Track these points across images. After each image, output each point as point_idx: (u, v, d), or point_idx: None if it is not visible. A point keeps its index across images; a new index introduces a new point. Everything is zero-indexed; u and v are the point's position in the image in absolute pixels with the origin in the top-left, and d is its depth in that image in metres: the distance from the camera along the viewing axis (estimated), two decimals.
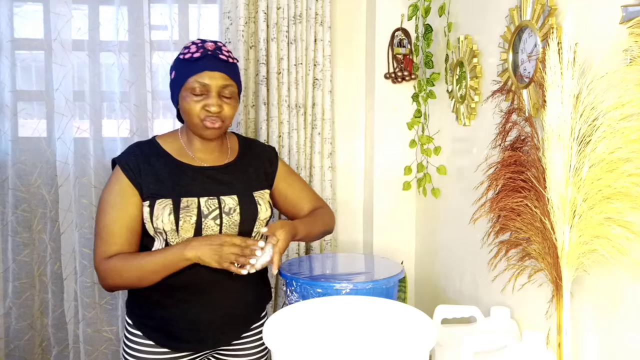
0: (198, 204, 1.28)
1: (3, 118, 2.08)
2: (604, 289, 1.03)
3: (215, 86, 1.27)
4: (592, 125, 0.93)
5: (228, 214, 1.30)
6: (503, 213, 1.19)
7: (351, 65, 2.24)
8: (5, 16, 2.05)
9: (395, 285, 1.46)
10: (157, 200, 1.27)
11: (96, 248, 1.28)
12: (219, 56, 1.28)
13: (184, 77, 1.27)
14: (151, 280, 1.25)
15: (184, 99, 1.28)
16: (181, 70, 1.29)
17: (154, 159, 1.31)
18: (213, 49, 1.28)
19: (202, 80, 1.26)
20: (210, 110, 1.27)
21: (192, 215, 1.27)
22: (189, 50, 1.29)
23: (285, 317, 1.14)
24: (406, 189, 2.07)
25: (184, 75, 1.27)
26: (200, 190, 1.30)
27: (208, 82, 1.26)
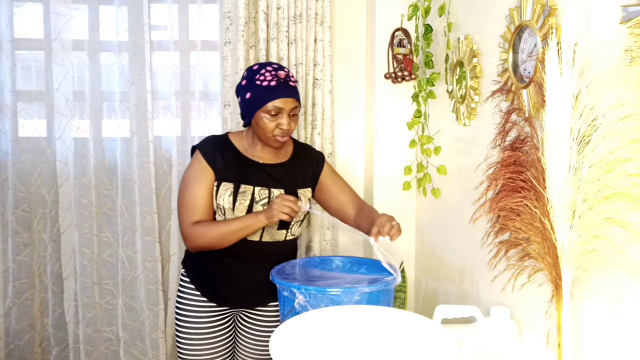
0: (253, 191, 1.59)
1: (3, 118, 2.09)
2: (604, 289, 1.03)
3: (288, 109, 1.55)
4: (591, 125, 0.93)
5: None
6: (503, 213, 1.19)
7: (351, 65, 2.24)
8: (5, 16, 2.05)
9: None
10: (222, 182, 1.58)
11: (181, 216, 1.60)
12: (289, 83, 1.56)
13: (262, 101, 1.53)
14: (229, 241, 1.56)
15: (261, 118, 1.55)
16: (259, 95, 1.54)
17: (225, 150, 1.63)
18: (284, 77, 1.55)
19: (278, 104, 1.53)
20: (283, 128, 1.55)
21: (246, 199, 1.58)
22: (265, 78, 1.54)
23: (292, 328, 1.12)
24: (406, 189, 2.07)
25: (263, 99, 1.53)
26: (256, 181, 1.61)
27: (283, 106, 1.53)
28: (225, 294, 1.65)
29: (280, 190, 1.62)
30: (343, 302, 1.34)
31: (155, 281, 2.20)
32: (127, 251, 2.20)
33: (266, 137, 1.58)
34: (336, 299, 1.35)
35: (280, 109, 1.54)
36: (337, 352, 1.10)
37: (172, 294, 2.17)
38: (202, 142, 1.67)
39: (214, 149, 1.62)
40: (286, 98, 1.54)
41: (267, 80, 1.54)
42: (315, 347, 1.10)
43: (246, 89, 1.58)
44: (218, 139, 1.67)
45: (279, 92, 1.53)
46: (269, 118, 1.54)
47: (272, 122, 1.55)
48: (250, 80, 1.57)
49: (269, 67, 1.57)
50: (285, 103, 1.54)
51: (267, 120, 1.54)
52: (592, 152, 0.92)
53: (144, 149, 2.16)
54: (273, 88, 1.53)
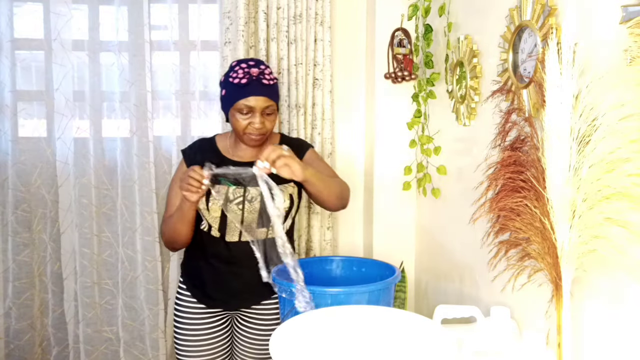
0: (227, 190, 1.56)
1: (3, 118, 2.09)
2: (604, 289, 1.03)
3: (259, 108, 1.52)
4: (591, 125, 0.93)
5: (250, 202, 1.57)
6: (503, 213, 1.19)
7: (351, 65, 2.24)
8: (5, 16, 2.05)
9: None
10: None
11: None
12: (262, 81, 1.52)
13: (233, 99, 1.52)
14: (180, 230, 1.54)
15: (233, 115, 1.55)
16: (230, 93, 1.54)
17: (208, 153, 1.60)
18: (257, 75, 1.52)
19: (248, 103, 1.51)
20: (255, 127, 1.53)
21: (219, 199, 1.55)
22: (237, 75, 1.53)
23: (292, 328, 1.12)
24: (406, 189, 2.07)
25: (234, 97, 1.52)
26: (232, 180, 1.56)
27: (253, 105, 1.51)
28: (216, 296, 1.65)
29: (257, 188, 1.50)
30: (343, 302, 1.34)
31: (155, 281, 2.20)
32: (127, 251, 2.20)
33: (240, 136, 1.57)
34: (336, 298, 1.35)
35: (251, 107, 1.52)
36: (337, 352, 1.11)
37: (172, 294, 2.17)
38: (189, 146, 1.70)
39: (196, 153, 1.64)
40: (257, 96, 1.51)
41: (239, 78, 1.52)
42: (315, 347, 1.10)
43: (222, 86, 1.58)
44: (204, 142, 1.68)
45: (250, 90, 1.51)
46: (241, 116, 1.53)
47: (244, 121, 1.53)
48: (225, 77, 1.57)
49: (244, 64, 1.55)
50: (257, 102, 1.51)
51: (239, 118, 1.53)
52: (592, 152, 0.92)
53: (144, 149, 2.16)
54: (244, 86, 1.51)
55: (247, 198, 1.57)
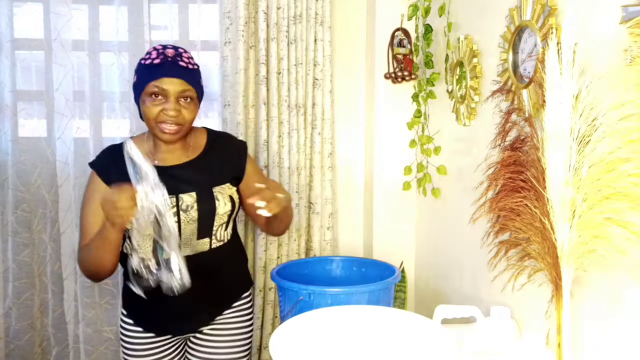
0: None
1: (3, 118, 2.09)
2: (604, 289, 1.03)
3: (174, 92, 1.31)
4: (591, 125, 0.93)
5: (185, 211, 1.37)
6: (503, 213, 1.19)
7: (351, 65, 2.24)
8: (5, 16, 2.05)
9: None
10: None
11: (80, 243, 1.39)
12: (179, 63, 1.33)
13: (144, 82, 1.32)
14: (104, 260, 1.30)
15: (144, 102, 1.33)
16: (142, 75, 1.34)
17: (122, 161, 1.26)
18: (173, 56, 1.33)
19: (161, 85, 1.31)
20: (168, 114, 1.31)
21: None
22: (150, 56, 1.34)
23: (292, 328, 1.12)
24: (406, 189, 2.07)
25: (144, 80, 1.32)
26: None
27: (166, 87, 1.31)
28: (166, 322, 1.45)
29: (192, 193, 1.38)
30: (343, 302, 1.34)
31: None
32: None
33: (151, 127, 1.35)
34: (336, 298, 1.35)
35: (164, 90, 1.31)
36: (337, 352, 1.11)
37: None
38: (96, 158, 1.45)
39: (108, 162, 1.40)
40: (171, 78, 1.31)
41: (151, 59, 1.33)
42: (315, 347, 1.11)
43: (135, 73, 1.39)
44: (115, 149, 1.41)
45: (162, 71, 1.31)
46: (152, 102, 1.31)
47: (155, 107, 1.31)
48: (138, 62, 1.39)
49: (159, 46, 1.37)
50: (171, 84, 1.31)
51: (150, 104, 1.32)
52: (592, 152, 0.92)
53: None
54: (156, 66, 1.31)
55: (181, 207, 1.36)
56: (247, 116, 2.07)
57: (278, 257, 2.12)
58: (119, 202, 1.17)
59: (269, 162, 2.08)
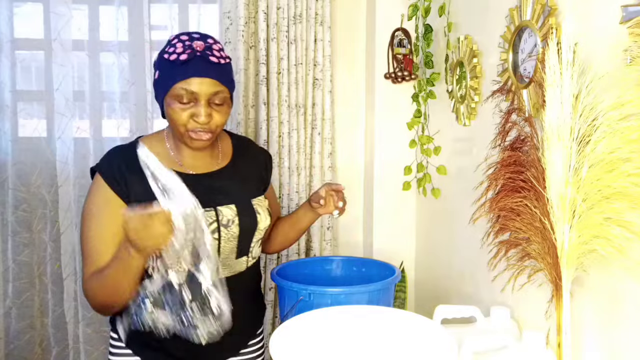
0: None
1: (3, 118, 2.08)
2: (604, 289, 1.03)
3: (205, 94, 1.12)
4: (591, 125, 0.93)
5: (226, 227, 1.21)
6: (503, 213, 1.19)
7: (351, 65, 2.24)
8: (5, 16, 2.05)
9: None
10: None
11: (83, 268, 1.14)
12: (209, 58, 1.13)
13: (168, 82, 1.12)
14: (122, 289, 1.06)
15: (169, 105, 1.14)
16: (165, 73, 1.14)
17: (135, 166, 1.07)
18: (202, 50, 1.12)
19: (190, 87, 1.11)
20: (198, 120, 1.12)
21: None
22: (174, 50, 1.12)
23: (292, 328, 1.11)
24: (406, 189, 2.07)
25: (169, 79, 1.12)
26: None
27: (196, 89, 1.11)
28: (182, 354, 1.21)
29: (231, 206, 1.22)
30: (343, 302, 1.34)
31: None
32: None
33: (180, 134, 1.16)
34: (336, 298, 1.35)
35: (194, 93, 1.11)
36: (337, 352, 1.11)
37: None
38: (104, 161, 1.20)
39: (120, 167, 1.17)
40: (201, 78, 1.11)
41: (177, 53, 1.11)
42: (315, 347, 1.10)
43: (155, 67, 1.18)
44: (125, 151, 1.20)
45: (191, 70, 1.10)
46: (180, 106, 1.12)
47: (184, 112, 1.12)
48: (160, 54, 1.16)
49: (185, 36, 1.14)
50: (201, 85, 1.11)
51: (177, 108, 1.12)
52: (592, 152, 0.92)
53: None
54: (183, 63, 1.11)
55: (221, 222, 1.20)
56: (247, 116, 2.07)
57: (278, 257, 2.12)
58: (153, 228, 0.96)
59: None
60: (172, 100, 1.13)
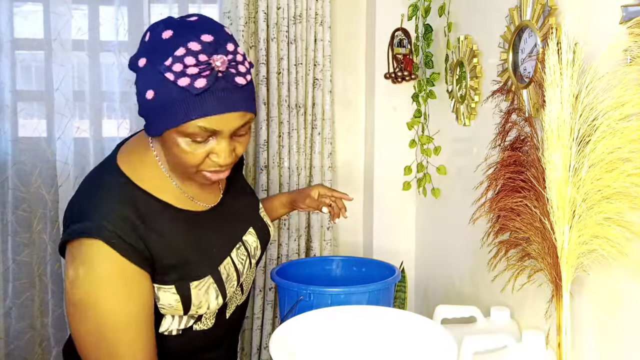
0: (233, 264, 0.95)
1: (3, 118, 2.08)
2: (604, 289, 1.03)
3: (229, 131, 0.84)
4: (591, 125, 0.93)
5: (254, 256, 1.06)
6: (502, 213, 1.19)
7: (351, 65, 2.24)
8: (5, 16, 2.05)
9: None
10: (190, 283, 0.88)
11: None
12: (235, 80, 0.82)
13: (177, 118, 0.80)
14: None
15: (174, 141, 0.83)
16: (172, 102, 0.80)
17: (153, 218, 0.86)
18: (226, 70, 0.80)
19: (210, 126, 0.81)
20: (219, 161, 0.86)
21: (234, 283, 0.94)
22: (185, 70, 0.78)
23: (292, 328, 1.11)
24: (406, 189, 2.07)
25: (179, 114, 0.80)
26: (225, 242, 0.96)
27: (219, 128, 0.82)
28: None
29: (250, 230, 1.05)
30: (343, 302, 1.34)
31: None
32: None
33: (185, 172, 0.89)
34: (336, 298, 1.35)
35: (215, 132, 0.83)
36: (337, 352, 1.11)
37: None
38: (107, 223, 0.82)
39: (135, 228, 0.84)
40: (228, 113, 0.82)
41: (189, 76, 0.78)
42: (315, 347, 1.10)
43: (147, 82, 0.83)
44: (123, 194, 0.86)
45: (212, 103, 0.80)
46: (193, 146, 0.83)
47: (197, 152, 0.84)
48: (153, 62, 0.83)
49: (195, 44, 0.80)
50: (226, 121, 0.83)
51: (187, 148, 0.83)
52: (592, 152, 0.92)
53: None
54: (201, 94, 0.79)
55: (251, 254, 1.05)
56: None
57: (278, 257, 2.12)
58: None
59: (269, 162, 2.08)
60: (180, 136, 0.83)
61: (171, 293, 0.87)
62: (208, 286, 0.90)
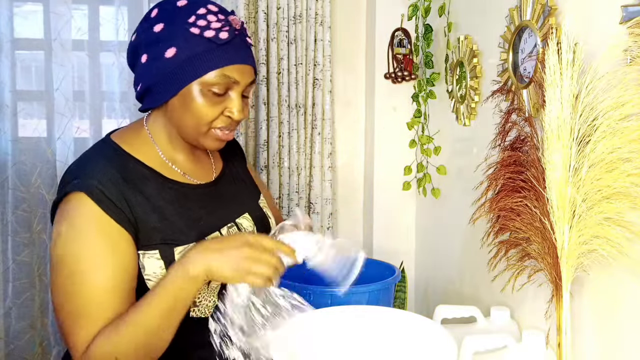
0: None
1: (3, 118, 2.08)
2: (604, 289, 1.03)
3: (244, 84, 0.91)
4: (591, 125, 0.93)
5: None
6: (502, 213, 1.19)
7: (351, 65, 2.24)
8: (5, 16, 2.05)
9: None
10: (174, 248, 0.89)
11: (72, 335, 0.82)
12: (247, 39, 0.92)
13: (202, 66, 0.87)
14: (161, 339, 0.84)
15: (196, 97, 0.88)
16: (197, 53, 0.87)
17: (140, 182, 0.89)
18: (241, 28, 0.90)
19: (232, 75, 0.88)
20: (233, 116, 0.91)
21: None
22: (209, 25, 0.86)
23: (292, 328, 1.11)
24: (406, 189, 2.07)
25: (205, 62, 0.86)
26: (215, 219, 0.97)
27: (239, 78, 0.89)
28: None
29: (246, 215, 1.04)
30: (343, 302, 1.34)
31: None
32: None
33: (197, 132, 0.92)
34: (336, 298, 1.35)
35: (236, 82, 0.90)
36: (337, 352, 1.10)
37: None
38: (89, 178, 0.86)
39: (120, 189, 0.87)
40: (244, 65, 0.90)
41: (214, 29, 0.86)
42: (315, 347, 1.10)
43: (168, 41, 0.88)
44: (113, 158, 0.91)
45: (234, 53, 0.89)
46: (212, 99, 0.89)
47: (216, 106, 0.90)
48: (174, 23, 0.88)
49: (213, 6, 0.90)
50: (243, 73, 0.90)
51: (207, 101, 0.89)
52: (592, 152, 0.92)
53: None
54: (226, 44, 0.87)
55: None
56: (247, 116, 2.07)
57: None
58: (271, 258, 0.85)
59: (269, 162, 2.08)
60: (202, 89, 0.88)
61: (155, 258, 0.88)
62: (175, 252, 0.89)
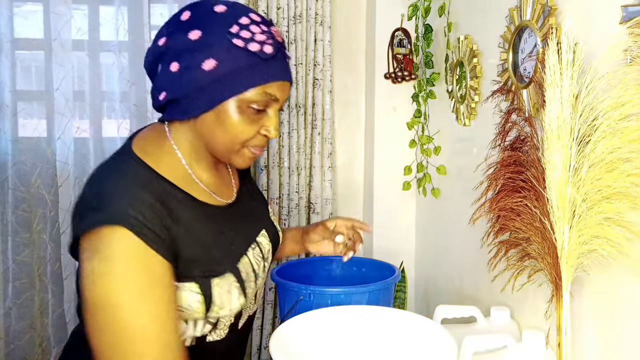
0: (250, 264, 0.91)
1: (3, 118, 2.08)
2: (604, 289, 1.03)
3: (283, 100, 0.87)
4: (591, 125, 0.93)
5: (267, 259, 1.01)
6: (502, 213, 1.19)
7: (351, 65, 2.24)
8: (5, 16, 2.05)
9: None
10: (211, 280, 0.83)
11: None
12: (286, 52, 0.88)
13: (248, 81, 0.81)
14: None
15: (232, 114, 0.82)
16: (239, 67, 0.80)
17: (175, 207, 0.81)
18: (282, 43, 0.86)
19: (275, 93, 0.84)
20: (269, 135, 0.87)
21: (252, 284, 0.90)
22: (254, 37, 0.80)
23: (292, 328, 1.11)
24: (406, 189, 2.07)
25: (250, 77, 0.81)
26: (242, 241, 0.93)
27: (280, 96, 0.85)
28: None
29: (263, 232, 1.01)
30: (343, 302, 1.34)
31: None
32: None
33: (231, 151, 0.86)
34: (336, 298, 1.35)
35: (276, 100, 0.85)
36: (337, 352, 1.10)
37: None
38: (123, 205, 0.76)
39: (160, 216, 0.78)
40: (285, 82, 0.86)
41: (259, 42, 0.80)
42: (315, 347, 1.10)
43: (201, 49, 0.80)
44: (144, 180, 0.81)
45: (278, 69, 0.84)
46: (249, 116, 0.83)
47: (253, 124, 0.85)
48: (214, 32, 0.80)
49: (256, 16, 0.84)
50: (284, 91, 0.86)
51: (245, 119, 0.83)
52: (592, 152, 0.92)
53: None
54: (269, 60, 0.82)
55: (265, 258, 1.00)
56: None
57: None
58: None
59: (269, 162, 2.08)
60: (240, 106, 0.82)
61: (192, 292, 0.82)
62: (230, 284, 0.85)
